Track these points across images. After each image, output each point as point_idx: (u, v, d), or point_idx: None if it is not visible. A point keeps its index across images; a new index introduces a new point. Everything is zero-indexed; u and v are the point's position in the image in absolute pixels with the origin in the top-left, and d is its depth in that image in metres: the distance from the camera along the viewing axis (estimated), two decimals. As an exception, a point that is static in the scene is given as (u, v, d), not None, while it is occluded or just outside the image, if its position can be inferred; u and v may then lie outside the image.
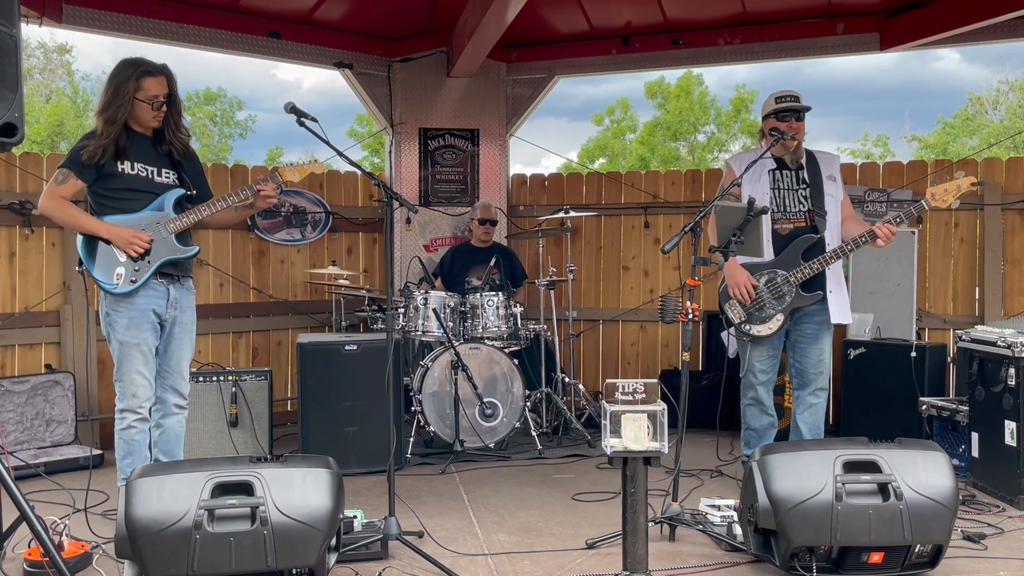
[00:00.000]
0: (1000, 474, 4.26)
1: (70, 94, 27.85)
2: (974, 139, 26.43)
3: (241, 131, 32.04)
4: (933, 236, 6.16)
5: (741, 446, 4.58)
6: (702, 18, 6.52)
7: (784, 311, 4.23)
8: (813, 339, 4.33)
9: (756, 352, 4.33)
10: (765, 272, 4.25)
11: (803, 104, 4.31)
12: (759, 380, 4.36)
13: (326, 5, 6.19)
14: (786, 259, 4.24)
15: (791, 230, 4.31)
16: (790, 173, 4.37)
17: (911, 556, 3.09)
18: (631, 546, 2.94)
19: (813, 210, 4.30)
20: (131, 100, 3.61)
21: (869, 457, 3.11)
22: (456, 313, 5.42)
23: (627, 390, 2.85)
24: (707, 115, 29.92)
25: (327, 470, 2.96)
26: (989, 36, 5.95)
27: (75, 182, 3.63)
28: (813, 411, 4.36)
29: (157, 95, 3.65)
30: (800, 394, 4.41)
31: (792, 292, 4.21)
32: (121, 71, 3.63)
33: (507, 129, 6.92)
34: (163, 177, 3.77)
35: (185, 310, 3.84)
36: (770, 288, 4.23)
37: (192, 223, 3.77)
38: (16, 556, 3.32)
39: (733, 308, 4.30)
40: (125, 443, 3.67)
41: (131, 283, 3.62)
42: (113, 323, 3.65)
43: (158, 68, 3.67)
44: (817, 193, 4.31)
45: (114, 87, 3.62)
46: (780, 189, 4.35)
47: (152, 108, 3.66)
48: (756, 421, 4.42)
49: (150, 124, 3.71)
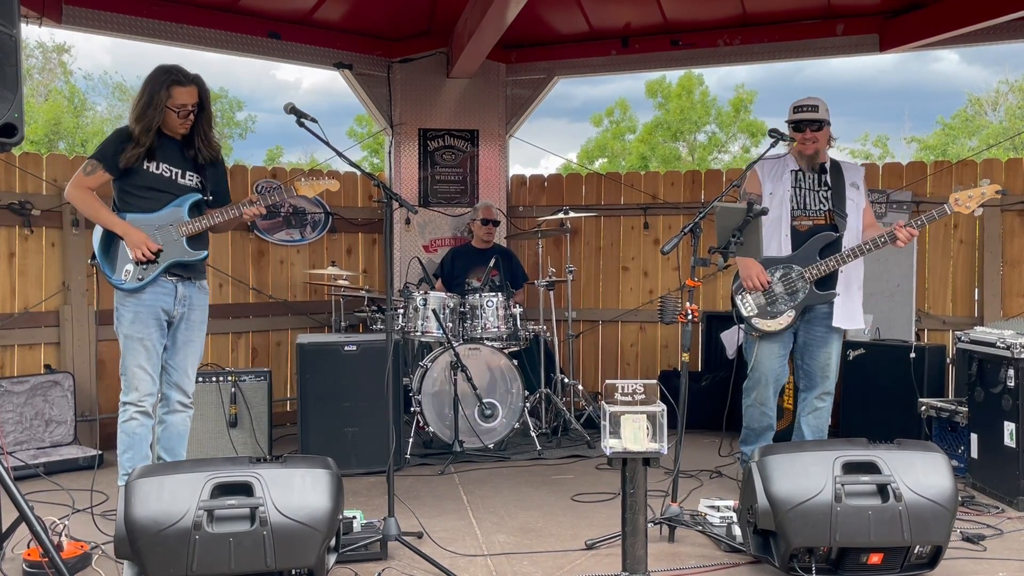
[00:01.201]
0: (999, 475, 4.26)
1: (67, 93, 27.83)
2: (973, 140, 26.44)
3: (241, 131, 32.04)
4: (932, 237, 6.16)
5: (739, 442, 4.58)
6: (702, 19, 6.52)
7: (796, 307, 4.23)
8: (823, 342, 4.32)
9: (765, 350, 4.31)
10: (780, 267, 4.24)
11: (817, 116, 4.32)
12: (766, 380, 4.34)
13: (326, 6, 6.19)
14: (803, 255, 4.24)
15: (810, 227, 4.31)
16: (812, 176, 4.39)
17: (910, 557, 3.09)
18: (630, 547, 2.94)
19: (834, 210, 4.31)
20: (163, 109, 3.70)
21: (868, 458, 3.11)
22: (455, 314, 5.42)
23: (626, 391, 2.86)
24: (707, 115, 29.93)
25: (326, 471, 2.96)
26: (988, 37, 5.95)
27: (102, 174, 3.74)
28: (818, 415, 4.35)
29: (185, 104, 3.74)
30: (806, 396, 4.40)
31: (806, 289, 4.21)
32: (156, 78, 3.73)
33: (507, 130, 6.93)
34: (186, 179, 3.86)
35: (195, 308, 3.89)
36: (784, 283, 4.22)
37: (203, 228, 3.84)
38: (15, 556, 3.32)
39: (745, 302, 4.28)
40: (126, 436, 3.72)
41: (138, 280, 3.71)
42: (120, 317, 3.75)
43: (189, 78, 3.75)
44: (838, 197, 4.33)
45: (148, 94, 3.72)
46: (801, 188, 4.37)
47: (179, 116, 3.75)
48: (756, 423, 4.41)
49: (178, 131, 3.81)
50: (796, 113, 4.36)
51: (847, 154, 28.38)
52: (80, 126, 26.82)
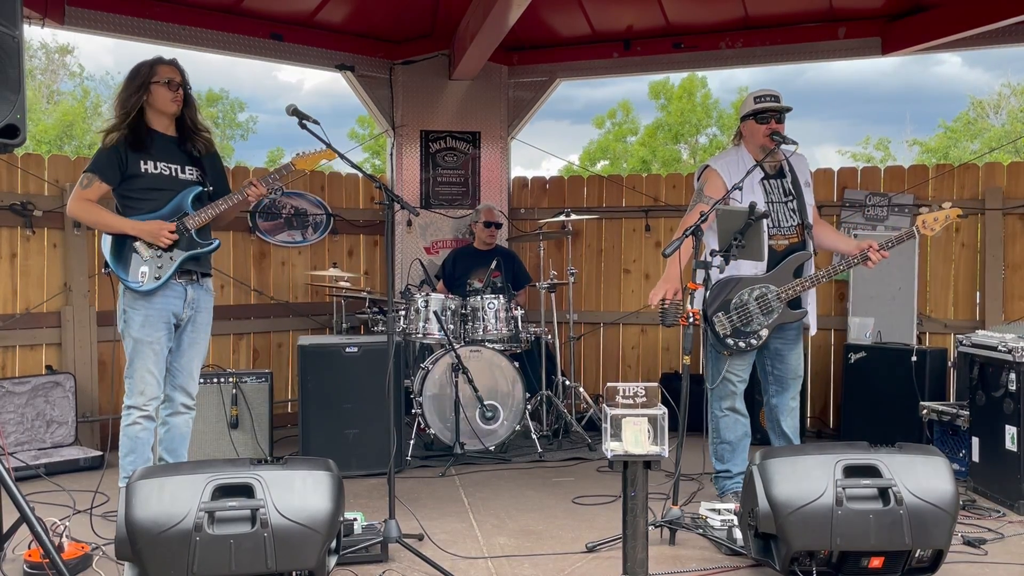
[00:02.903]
0: (1000, 479, 4.26)
1: (79, 96, 27.86)
2: (975, 143, 26.43)
3: (242, 132, 32.09)
4: (934, 241, 6.15)
5: (712, 462, 4.31)
6: (704, 21, 6.53)
7: (770, 327, 4.17)
8: (792, 346, 4.27)
9: (737, 363, 4.20)
10: (758, 287, 4.16)
11: (784, 104, 4.16)
12: (737, 389, 4.22)
13: (328, 7, 6.20)
14: (779, 275, 4.17)
15: (786, 247, 4.24)
16: (777, 183, 4.27)
17: (911, 561, 3.09)
18: (631, 550, 2.94)
19: (802, 223, 4.24)
20: (147, 84, 3.73)
21: (869, 461, 3.10)
22: (457, 316, 5.42)
23: (628, 393, 2.86)
24: (709, 117, 29.94)
25: (327, 472, 2.96)
26: (990, 41, 5.95)
27: (100, 185, 3.73)
28: (794, 415, 4.30)
29: (172, 78, 3.77)
30: (780, 400, 4.29)
31: (780, 308, 4.15)
32: (135, 67, 3.79)
33: (508, 132, 6.93)
34: (186, 174, 3.86)
35: (201, 311, 3.89)
36: (760, 304, 4.14)
37: (210, 218, 3.84)
38: (16, 557, 3.32)
39: (720, 322, 4.14)
40: (129, 440, 3.71)
41: (155, 280, 3.70)
42: (129, 320, 3.72)
43: (167, 59, 3.83)
44: (801, 204, 4.24)
45: (128, 79, 3.77)
46: (773, 203, 4.22)
47: (170, 89, 3.76)
48: (731, 433, 4.23)
49: (169, 108, 3.79)
50: (759, 103, 4.17)
51: (848, 157, 28.43)
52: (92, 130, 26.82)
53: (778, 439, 4.32)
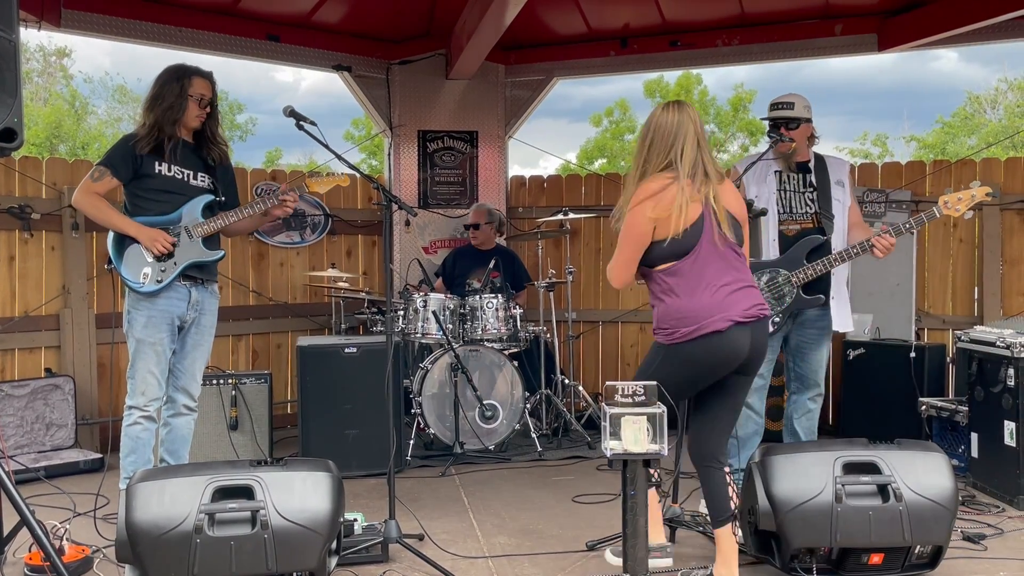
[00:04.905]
0: (1000, 474, 4.27)
1: (67, 97, 27.81)
2: (973, 139, 26.43)
3: (241, 134, 32.04)
4: (932, 236, 6.16)
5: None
6: (700, 19, 6.52)
7: (783, 312, 4.18)
8: (816, 345, 4.27)
9: None
10: (767, 271, 4.18)
11: (791, 115, 4.23)
12: (755, 384, 4.24)
13: (325, 8, 6.19)
14: (789, 259, 4.17)
15: (798, 231, 4.24)
16: (796, 176, 4.30)
17: (911, 557, 3.10)
18: (631, 548, 2.94)
19: (820, 212, 4.26)
20: (187, 97, 3.74)
21: (869, 458, 3.11)
22: (456, 315, 5.42)
23: (627, 392, 2.85)
24: (706, 114, 29.94)
25: (327, 473, 2.97)
26: (987, 37, 5.95)
27: (110, 180, 3.73)
28: (810, 416, 4.31)
29: (205, 94, 3.80)
30: (798, 399, 4.33)
31: (793, 293, 4.15)
32: (176, 69, 3.79)
33: (506, 131, 6.93)
34: (199, 181, 3.86)
35: (206, 313, 3.91)
36: (770, 287, 4.16)
37: (218, 228, 3.84)
38: (17, 560, 3.33)
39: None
40: (130, 440, 3.71)
41: (157, 283, 3.70)
42: (132, 320, 3.73)
43: (205, 72, 3.85)
44: (824, 197, 4.25)
45: (167, 85, 3.75)
46: (786, 191, 4.28)
47: (199, 107, 3.79)
48: (741, 428, 4.20)
49: (192, 123, 3.82)
50: (772, 111, 4.28)
51: (846, 153, 28.42)
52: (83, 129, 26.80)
53: (788, 437, 4.32)
